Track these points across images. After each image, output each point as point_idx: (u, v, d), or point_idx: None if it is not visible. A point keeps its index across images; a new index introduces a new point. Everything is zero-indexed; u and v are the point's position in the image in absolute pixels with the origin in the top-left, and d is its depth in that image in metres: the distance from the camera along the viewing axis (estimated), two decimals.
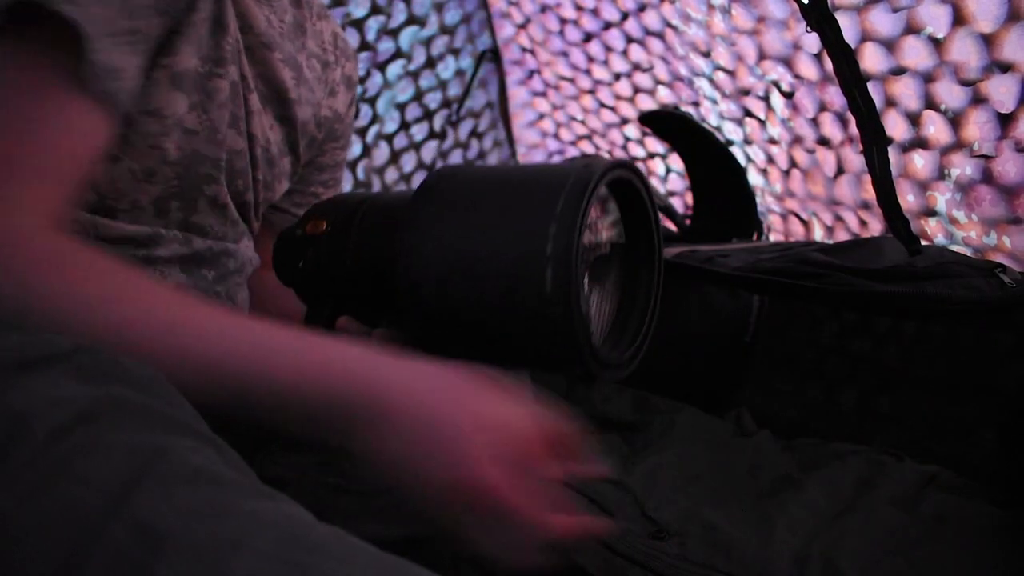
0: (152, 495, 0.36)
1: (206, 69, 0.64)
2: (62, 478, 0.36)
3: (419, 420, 0.49)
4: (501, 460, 0.49)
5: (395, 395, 0.50)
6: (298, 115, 0.79)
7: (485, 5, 1.59)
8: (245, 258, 0.77)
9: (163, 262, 0.67)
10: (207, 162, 0.66)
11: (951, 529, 0.79)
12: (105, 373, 0.42)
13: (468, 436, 0.49)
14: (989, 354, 0.96)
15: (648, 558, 0.75)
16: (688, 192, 1.47)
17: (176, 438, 0.39)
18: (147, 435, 0.39)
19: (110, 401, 0.39)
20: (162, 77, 0.61)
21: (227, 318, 0.53)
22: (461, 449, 0.49)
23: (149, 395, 0.42)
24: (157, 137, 0.62)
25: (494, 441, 0.49)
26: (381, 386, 0.50)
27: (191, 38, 0.61)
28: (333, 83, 0.84)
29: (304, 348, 0.52)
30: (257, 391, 0.51)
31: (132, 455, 0.37)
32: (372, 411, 0.50)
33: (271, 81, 0.74)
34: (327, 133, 0.86)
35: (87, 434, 0.37)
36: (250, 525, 0.36)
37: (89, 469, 0.36)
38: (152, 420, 0.40)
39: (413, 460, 0.50)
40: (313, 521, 0.39)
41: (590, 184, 0.52)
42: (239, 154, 0.71)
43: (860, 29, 1.01)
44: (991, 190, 0.97)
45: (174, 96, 0.62)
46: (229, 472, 0.40)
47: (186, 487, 0.37)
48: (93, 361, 0.42)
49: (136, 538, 0.34)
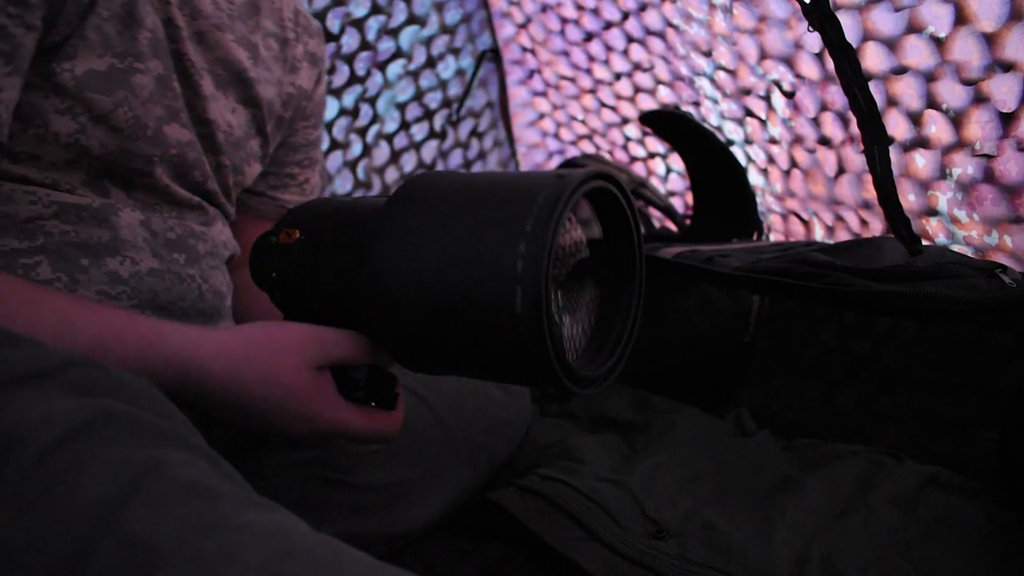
0: (144, 510, 0.36)
1: (125, 65, 0.63)
2: (53, 495, 0.36)
3: (234, 389, 0.58)
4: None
5: (215, 370, 0.57)
6: (261, 95, 0.78)
7: (486, 5, 1.59)
8: (218, 241, 0.76)
9: (130, 246, 0.66)
10: (137, 159, 0.66)
11: (951, 529, 0.79)
12: (96, 386, 0.41)
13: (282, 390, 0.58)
14: (989, 354, 0.96)
15: (648, 558, 0.75)
16: (688, 192, 1.47)
17: (168, 451, 0.39)
18: (138, 449, 0.38)
19: (101, 415, 0.39)
20: (65, 81, 0.60)
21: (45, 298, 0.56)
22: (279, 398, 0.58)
23: (141, 407, 0.41)
24: (75, 135, 0.62)
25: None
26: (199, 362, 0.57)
27: (91, 40, 0.61)
28: (294, 60, 0.84)
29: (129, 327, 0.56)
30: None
31: (123, 470, 0.37)
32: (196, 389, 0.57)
33: (227, 63, 0.74)
34: (295, 111, 0.85)
35: (78, 450, 0.37)
36: (242, 538, 0.36)
37: (80, 485, 0.36)
38: (143, 433, 0.40)
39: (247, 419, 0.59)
40: (307, 532, 0.39)
41: (562, 199, 0.50)
42: (188, 145, 0.70)
43: (862, 28, 1.01)
44: (992, 189, 0.97)
45: (88, 97, 0.61)
46: (222, 484, 0.39)
47: (178, 501, 0.37)
48: (84, 374, 0.42)
49: (128, 554, 0.34)
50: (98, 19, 0.61)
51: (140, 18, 0.64)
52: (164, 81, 0.67)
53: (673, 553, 0.76)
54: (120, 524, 0.35)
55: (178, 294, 0.70)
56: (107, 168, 0.65)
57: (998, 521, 0.80)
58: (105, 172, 0.66)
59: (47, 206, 0.63)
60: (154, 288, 0.67)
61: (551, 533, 0.79)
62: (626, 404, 1.18)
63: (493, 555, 0.82)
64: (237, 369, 0.58)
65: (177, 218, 0.72)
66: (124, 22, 0.63)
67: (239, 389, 0.58)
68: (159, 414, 0.43)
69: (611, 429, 1.11)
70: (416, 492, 0.81)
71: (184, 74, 0.70)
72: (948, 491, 0.85)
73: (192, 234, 0.73)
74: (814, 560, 0.75)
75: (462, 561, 0.82)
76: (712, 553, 0.76)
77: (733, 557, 0.75)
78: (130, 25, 0.63)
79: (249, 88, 0.77)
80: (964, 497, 0.84)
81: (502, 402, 0.91)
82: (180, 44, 0.69)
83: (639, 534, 0.79)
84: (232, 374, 0.58)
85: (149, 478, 0.37)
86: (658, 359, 1.28)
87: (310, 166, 0.91)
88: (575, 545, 0.77)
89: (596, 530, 0.79)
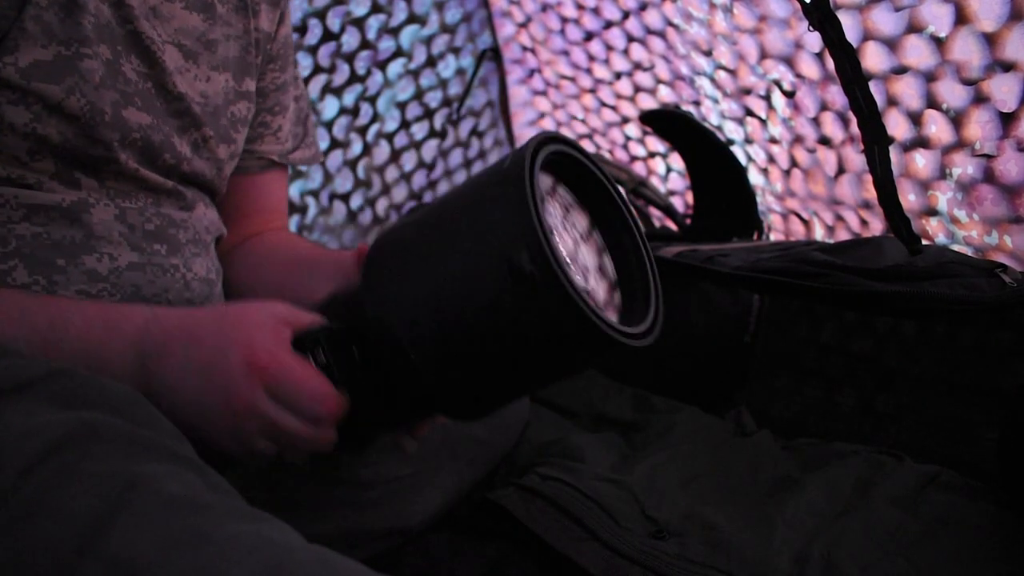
0: (128, 528, 0.35)
1: (72, 51, 0.62)
2: (35, 514, 0.35)
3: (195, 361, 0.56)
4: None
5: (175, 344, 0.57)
6: (229, 54, 0.77)
7: (486, 4, 1.59)
8: (200, 227, 0.74)
9: (105, 242, 0.66)
10: (98, 145, 0.65)
11: (951, 529, 0.79)
12: (80, 397, 0.41)
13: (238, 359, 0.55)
14: (989, 354, 0.96)
15: (648, 558, 0.75)
16: (688, 191, 1.47)
17: (153, 464, 0.39)
18: (122, 463, 0.38)
19: (84, 428, 0.38)
20: (10, 75, 0.59)
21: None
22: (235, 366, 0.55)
23: (126, 417, 0.41)
24: (31, 124, 0.61)
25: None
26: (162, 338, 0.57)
27: (32, 32, 0.60)
28: (253, 4, 0.81)
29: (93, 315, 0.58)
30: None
31: (107, 485, 0.36)
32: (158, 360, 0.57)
33: (187, 32, 0.72)
34: (263, 56, 0.83)
35: (60, 465, 0.37)
36: (230, 552, 0.35)
37: (63, 503, 0.35)
38: (128, 446, 0.39)
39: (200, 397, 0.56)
40: (296, 543, 0.38)
41: (524, 164, 0.49)
42: (151, 128, 0.68)
43: (862, 28, 1.01)
44: (992, 189, 0.97)
45: (36, 88, 0.60)
46: (208, 495, 0.39)
47: (163, 517, 0.36)
48: (69, 385, 0.41)
49: (112, 573, 0.34)
50: (36, 9, 0.60)
51: (82, 3, 0.63)
52: (113, 66, 0.65)
53: (673, 552, 0.76)
54: (104, 541, 0.35)
55: (162, 286, 0.69)
56: (72, 157, 0.64)
57: (998, 521, 0.80)
58: (71, 161, 0.65)
59: (15, 209, 0.62)
60: (136, 282, 0.67)
61: (551, 533, 0.79)
62: (626, 403, 1.18)
63: (493, 554, 0.82)
64: (194, 313, 0.61)
65: (155, 207, 0.70)
66: (65, 8, 0.62)
67: (191, 323, 0.59)
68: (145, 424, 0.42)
69: (611, 428, 1.11)
70: (415, 488, 0.81)
71: (145, 52, 0.68)
72: (948, 491, 0.85)
73: (171, 223, 0.71)
74: (814, 560, 0.75)
75: (462, 560, 0.82)
76: (712, 552, 0.76)
77: (733, 556, 0.75)
78: (72, 11, 0.62)
79: (214, 51, 0.75)
80: (964, 497, 0.84)
81: None
82: (136, 23, 0.67)
83: (639, 534, 0.79)
84: (188, 314, 0.60)
85: (133, 494, 0.36)
86: (658, 359, 1.28)
87: (281, 112, 0.87)
88: (575, 545, 0.77)
89: (596, 530, 0.79)
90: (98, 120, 0.64)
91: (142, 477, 0.37)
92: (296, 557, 0.37)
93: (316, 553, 0.38)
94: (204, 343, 0.57)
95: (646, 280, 0.58)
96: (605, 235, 0.59)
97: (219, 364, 0.55)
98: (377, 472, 0.79)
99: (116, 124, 0.66)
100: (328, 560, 0.38)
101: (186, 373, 0.56)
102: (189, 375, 0.56)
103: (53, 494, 0.36)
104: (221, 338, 0.57)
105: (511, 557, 0.81)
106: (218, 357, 0.56)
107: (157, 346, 0.57)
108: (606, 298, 0.57)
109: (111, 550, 0.34)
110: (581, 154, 0.56)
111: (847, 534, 0.78)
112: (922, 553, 0.75)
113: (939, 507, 0.82)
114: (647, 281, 0.58)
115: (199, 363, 0.56)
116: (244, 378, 0.55)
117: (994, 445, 0.88)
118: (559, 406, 1.19)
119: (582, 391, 1.21)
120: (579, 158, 0.56)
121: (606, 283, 0.58)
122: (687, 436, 1.04)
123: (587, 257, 0.58)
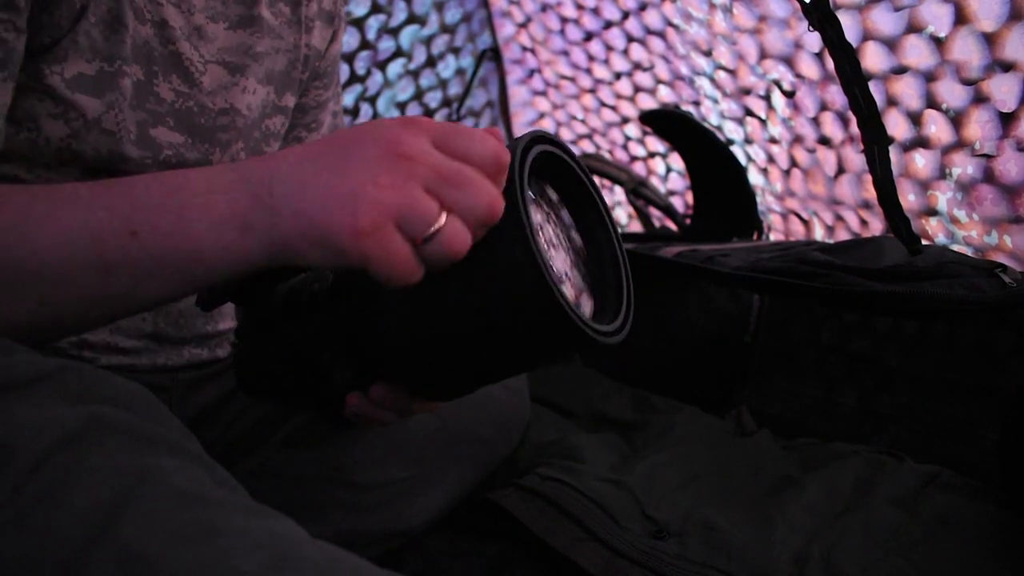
0: (137, 520, 0.35)
1: (114, 68, 0.63)
2: (47, 506, 0.35)
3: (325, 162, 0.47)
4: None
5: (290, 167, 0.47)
6: (275, 67, 0.77)
7: (486, 4, 1.59)
8: None
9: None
10: (130, 162, 0.65)
11: (951, 529, 0.79)
12: (90, 391, 0.41)
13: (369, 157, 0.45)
14: (989, 354, 0.96)
15: (648, 558, 0.75)
16: (688, 191, 1.47)
17: (162, 458, 0.39)
18: (131, 457, 0.38)
19: (94, 422, 0.39)
20: (56, 84, 0.60)
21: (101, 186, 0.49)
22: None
23: (135, 412, 0.41)
24: (67, 139, 0.62)
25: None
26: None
27: (81, 45, 0.61)
28: (307, 20, 0.81)
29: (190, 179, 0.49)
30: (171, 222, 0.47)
31: (117, 479, 0.37)
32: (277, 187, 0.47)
33: (232, 50, 0.72)
34: (310, 73, 0.83)
35: (71, 459, 0.37)
36: (237, 546, 0.36)
37: (73, 496, 0.36)
38: (137, 440, 0.39)
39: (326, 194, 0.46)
40: (303, 538, 0.39)
41: (515, 152, 0.48)
42: (184, 147, 0.69)
43: (862, 28, 1.01)
44: (992, 189, 0.97)
45: (78, 100, 0.61)
46: (216, 491, 0.39)
47: (172, 510, 0.36)
48: (79, 380, 0.41)
49: (122, 565, 0.34)
50: (87, 24, 0.61)
51: (125, 22, 0.63)
52: (144, 86, 0.66)
53: (673, 553, 0.76)
54: (114, 534, 0.35)
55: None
56: (101, 169, 0.65)
57: (998, 521, 0.80)
58: (98, 173, 0.65)
59: None
60: None
61: (551, 533, 0.79)
62: (626, 403, 1.18)
63: (493, 554, 0.82)
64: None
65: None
66: (111, 26, 0.63)
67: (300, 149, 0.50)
68: (154, 420, 0.42)
69: (611, 428, 1.11)
70: (416, 490, 0.81)
71: (185, 72, 0.69)
72: (948, 491, 0.85)
73: None
74: (814, 559, 0.75)
75: (463, 560, 0.82)
76: (712, 553, 0.76)
77: (733, 557, 0.75)
78: (117, 29, 0.63)
79: (260, 63, 0.75)
80: (964, 497, 0.84)
81: (501, 398, 0.91)
82: (177, 44, 0.68)
83: (639, 534, 0.79)
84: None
85: (143, 487, 0.37)
86: (658, 359, 1.28)
87: (316, 129, 0.87)
88: (575, 545, 0.77)
89: (596, 530, 0.79)
90: (126, 138, 0.65)
91: (152, 471, 0.38)
92: (303, 552, 0.37)
93: (323, 549, 0.38)
94: (328, 148, 0.48)
95: (619, 280, 0.58)
96: (582, 232, 0.59)
97: (365, 134, 0.47)
98: (377, 474, 0.79)
99: (143, 142, 0.66)
100: (335, 556, 0.38)
101: (314, 154, 0.47)
102: (320, 154, 0.47)
103: (63, 487, 0.36)
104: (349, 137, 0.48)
105: (511, 557, 0.81)
106: (358, 136, 0.47)
107: (266, 171, 0.48)
108: (576, 294, 0.58)
109: (121, 542, 0.35)
110: (563, 152, 0.56)
111: (847, 534, 0.78)
112: (922, 553, 0.75)
113: (939, 507, 0.82)
114: (620, 281, 0.58)
115: (333, 146, 0.47)
116: (404, 128, 0.46)
117: (994, 445, 0.88)
118: (559, 406, 1.19)
119: (582, 391, 1.21)
120: (561, 156, 0.56)
121: (580, 279, 0.59)
122: (687, 436, 1.04)
123: (571, 249, 0.58)
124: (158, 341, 0.73)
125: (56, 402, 0.39)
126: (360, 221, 0.44)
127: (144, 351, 0.72)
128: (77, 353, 0.68)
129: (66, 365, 0.42)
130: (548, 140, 0.54)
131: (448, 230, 0.44)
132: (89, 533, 0.35)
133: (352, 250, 0.44)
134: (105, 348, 0.69)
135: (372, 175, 0.44)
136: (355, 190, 0.44)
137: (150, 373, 0.72)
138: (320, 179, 0.46)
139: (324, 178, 0.46)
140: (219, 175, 0.49)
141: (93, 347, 0.69)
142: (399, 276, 0.45)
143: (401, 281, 0.45)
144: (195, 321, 0.75)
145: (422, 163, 0.45)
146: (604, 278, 0.58)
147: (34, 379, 0.40)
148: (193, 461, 0.41)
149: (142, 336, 0.72)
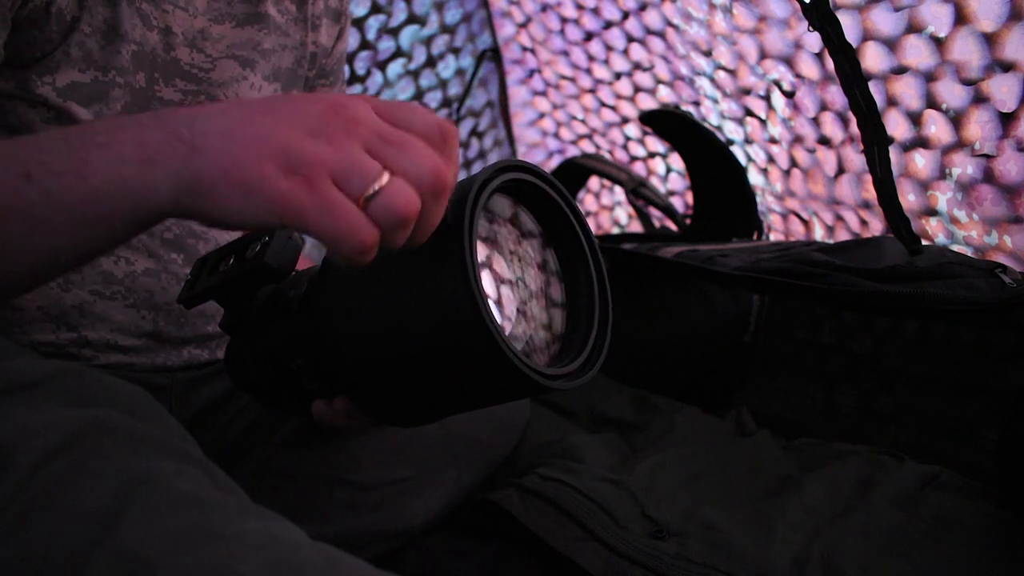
0: (137, 523, 0.35)
1: (109, 78, 0.63)
2: (46, 509, 0.35)
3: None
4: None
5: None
6: (282, 64, 0.77)
7: (485, 4, 1.59)
8: (222, 240, 0.75)
9: (124, 247, 0.66)
10: None
11: (951, 529, 0.79)
12: (90, 394, 0.41)
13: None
14: (989, 354, 0.96)
15: (648, 558, 0.75)
16: (688, 191, 1.47)
17: (161, 461, 0.39)
18: (131, 460, 0.38)
19: (93, 425, 0.39)
20: (47, 93, 0.60)
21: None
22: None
23: (134, 415, 0.41)
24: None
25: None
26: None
27: (74, 56, 0.61)
28: (314, 17, 0.81)
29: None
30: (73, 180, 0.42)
31: (116, 482, 0.37)
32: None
33: (242, 44, 0.73)
34: (317, 70, 0.83)
35: (70, 462, 0.37)
36: (236, 549, 0.36)
37: (72, 499, 0.36)
38: (136, 443, 0.40)
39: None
40: (302, 540, 0.39)
41: (465, 213, 0.47)
42: None
43: (862, 28, 1.01)
44: (992, 189, 0.97)
45: (71, 108, 0.61)
46: (215, 493, 0.39)
47: (171, 513, 0.36)
48: (79, 382, 0.41)
49: (122, 568, 0.34)
50: (81, 35, 0.61)
51: (123, 32, 0.64)
52: (144, 93, 0.66)
53: (673, 553, 0.76)
54: (113, 537, 0.35)
55: (175, 294, 0.69)
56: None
57: (998, 521, 0.80)
58: None
59: None
60: (150, 288, 0.67)
61: (551, 533, 0.79)
62: (626, 404, 1.18)
63: (493, 554, 0.82)
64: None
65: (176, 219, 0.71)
66: (107, 36, 0.63)
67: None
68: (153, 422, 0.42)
69: (611, 428, 1.11)
70: (415, 490, 0.81)
71: (188, 75, 0.70)
72: (948, 491, 0.85)
73: (192, 234, 0.72)
74: (814, 560, 0.75)
75: (463, 560, 0.82)
76: (712, 553, 0.76)
77: (733, 557, 0.75)
78: (113, 39, 0.63)
79: (268, 60, 0.76)
80: (964, 497, 0.84)
81: None
82: (176, 51, 0.68)
83: (639, 534, 0.79)
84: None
85: (142, 490, 0.37)
86: (658, 359, 1.28)
87: None
88: (575, 545, 0.77)
89: (596, 530, 0.79)
90: None
91: (151, 473, 0.38)
92: (302, 554, 0.37)
93: (322, 551, 0.38)
94: (268, 100, 0.45)
95: (591, 319, 0.56)
96: (561, 262, 0.58)
97: (310, 96, 0.45)
98: (377, 474, 0.79)
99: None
100: (334, 558, 0.38)
101: (252, 103, 0.45)
102: (259, 103, 0.45)
103: (63, 490, 0.36)
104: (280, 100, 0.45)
105: (511, 557, 0.81)
106: (303, 96, 0.45)
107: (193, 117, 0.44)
108: (547, 336, 0.57)
109: (121, 545, 0.35)
110: (542, 180, 0.54)
111: (847, 534, 0.78)
112: (922, 553, 0.75)
113: (939, 507, 0.82)
114: (591, 321, 0.56)
115: (274, 99, 0.46)
116: (349, 97, 0.45)
117: (994, 445, 0.88)
118: (559, 406, 1.19)
119: (582, 391, 1.21)
120: (540, 185, 0.54)
121: (555, 312, 0.58)
122: (687, 436, 1.04)
123: (533, 284, 0.56)
124: (158, 340, 0.73)
125: (56, 405, 0.39)
126: (294, 168, 0.40)
127: (144, 350, 0.72)
128: (76, 351, 0.68)
129: (66, 368, 0.42)
130: (523, 168, 0.53)
131: (391, 189, 0.41)
132: (89, 536, 0.35)
133: (280, 201, 0.40)
134: (105, 346, 0.70)
135: (311, 128, 0.42)
136: (291, 138, 0.41)
137: (149, 372, 0.72)
138: (254, 122, 0.42)
139: (258, 121, 0.42)
140: (133, 117, 0.45)
141: (93, 345, 0.69)
142: (344, 235, 0.40)
143: (351, 245, 0.41)
144: (196, 321, 0.75)
145: (364, 124, 0.43)
146: (578, 317, 0.57)
147: (34, 382, 0.40)
148: (192, 464, 0.41)
149: (142, 335, 0.72)
